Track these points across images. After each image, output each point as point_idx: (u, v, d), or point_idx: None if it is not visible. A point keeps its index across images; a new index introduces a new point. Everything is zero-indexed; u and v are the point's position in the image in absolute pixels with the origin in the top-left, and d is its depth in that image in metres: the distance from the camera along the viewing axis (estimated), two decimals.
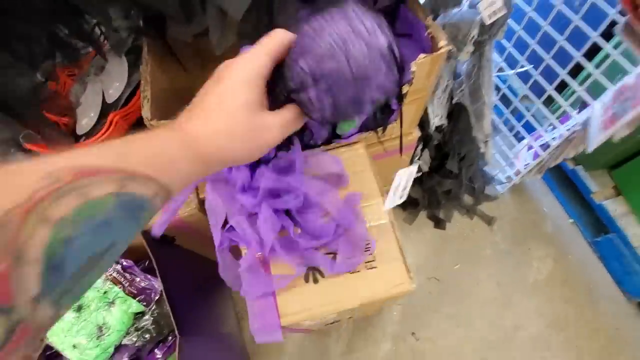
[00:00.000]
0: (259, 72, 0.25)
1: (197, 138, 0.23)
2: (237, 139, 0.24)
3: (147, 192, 0.20)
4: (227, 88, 0.24)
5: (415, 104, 0.54)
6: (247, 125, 0.24)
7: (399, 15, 0.53)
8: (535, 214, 1.00)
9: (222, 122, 0.24)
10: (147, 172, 0.20)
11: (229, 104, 0.24)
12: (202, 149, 0.23)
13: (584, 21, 0.60)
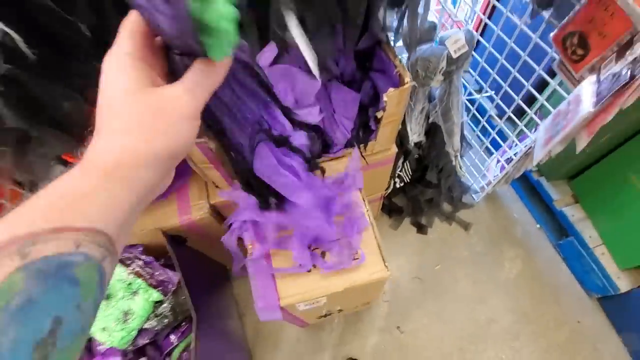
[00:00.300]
0: (124, 53, 0.22)
1: (94, 156, 0.20)
2: (135, 129, 0.21)
3: (62, 248, 0.17)
4: (104, 91, 0.21)
5: (389, 126, 0.66)
6: (138, 110, 0.21)
7: (376, 55, 0.65)
8: (507, 220, 1.11)
9: (112, 124, 0.21)
10: (50, 226, 0.17)
11: (110, 103, 0.21)
12: (104, 164, 0.20)
13: (530, 58, 0.73)
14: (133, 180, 0.21)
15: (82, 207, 0.18)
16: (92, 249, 0.18)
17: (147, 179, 0.21)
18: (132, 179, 0.21)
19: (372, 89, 0.67)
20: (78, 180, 0.19)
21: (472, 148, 1.06)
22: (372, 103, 0.68)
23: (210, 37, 0.21)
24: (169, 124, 0.21)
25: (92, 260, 0.18)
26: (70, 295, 0.17)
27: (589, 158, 0.92)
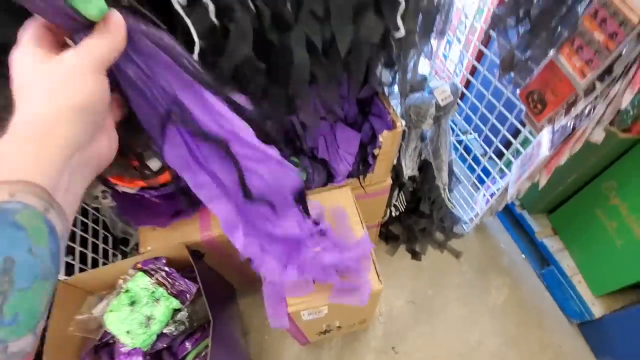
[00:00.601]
0: (25, 42, 0.25)
1: (12, 127, 0.22)
2: (39, 93, 0.23)
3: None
4: (14, 75, 0.24)
5: (384, 162, 0.78)
6: (40, 76, 0.23)
7: (374, 102, 0.79)
8: (494, 250, 1.20)
9: (22, 96, 0.23)
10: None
11: (19, 81, 0.24)
12: (22, 129, 0.22)
13: (505, 108, 0.87)
14: (52, 136, 0.22)
15: (10, 164, 0.20)
16: (29, 199, 0.19)
17: (66, 132, 0.23)
18: (51, 135, 0.22)
19: (371, 130, 0.80)
20: (3, 145, 0.21)
21: (461, 183, 1.18)
22: (370, 142, 0.80)
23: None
24: (67, 80, 0.23)
25: (31, 209, 0.19)
26: (17, 239, 0.18)
27: (563, 195, 1.03)
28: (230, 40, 0.47)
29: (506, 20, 0.66)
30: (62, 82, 0.23)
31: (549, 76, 0.67)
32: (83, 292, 0.79)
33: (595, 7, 0.55)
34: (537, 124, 0.73)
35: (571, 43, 0.60)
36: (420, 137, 1.05)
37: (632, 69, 0.52)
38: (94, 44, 0.25)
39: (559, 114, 0.67)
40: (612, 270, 0.91)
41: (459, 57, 1.04)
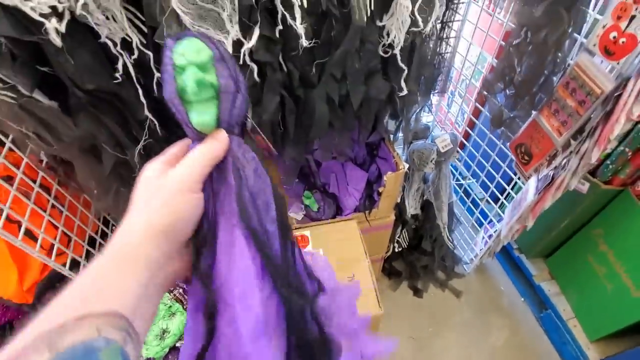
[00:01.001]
0: (158, 160, 0.27)
1: (111, 239, 0.23)
2: (139, 208, 0.24)
3: (85, 336, 0.18)
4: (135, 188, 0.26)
5: (388, 199, 0.87)
6: (146, 191, 0.25)
7: (381, 146, 0.90)
8: (495, 291, 1.24)
9: (129, 208, 0.24)
10: (74, 315, 0.18)
11: (134, 194, 0.25)
12: (113, 245, 0.23)
13: (498, 157, 0.97)
14: (136, 258, 0.22)
15: (99, 291, 0.20)
16: (112, 333, 0.19)
17: (148, 254, 0.23)
18: (135, 256, 0.22)
19: (377, 170, 0.90)
20: (96, 264, 0.21)
21: (461, 224, 1.25)
22: (376, 181, 0.90)
23: (190, 105, 0.27)
24: (165, 198, 0.24)
25: (113, 344, 0.19)
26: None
27: (558, 239, 1.10)
28: (265, 93, 0.59)
29: (495, 84, 0.78)
30: (161, 200, 0.24)
31: (533, 132, 0.78)
32: None
33: (567, 79, 0.67)
34: (525, 173, 0.82)
35: (549, 107, 0.71)
36: (423, 179, 1.15)
37: (597, 130, 0.62)
38: (197, 159, 0.26)
39: (543, 165, 0.76)
40: (604, 314, 0.94)
41: (460, 111, 1.17)
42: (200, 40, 0.27)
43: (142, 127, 0.59)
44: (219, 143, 0.27)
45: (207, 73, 0.27)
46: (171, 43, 0.27)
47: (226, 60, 0.28)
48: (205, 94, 0.27)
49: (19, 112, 0.53)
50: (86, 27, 0.48)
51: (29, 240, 0.65)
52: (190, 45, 0.27)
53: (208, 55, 0.27)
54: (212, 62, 0.27)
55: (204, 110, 0.27)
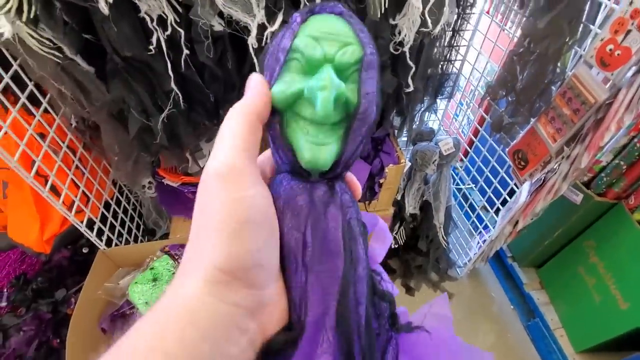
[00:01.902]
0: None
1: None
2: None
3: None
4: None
5: (388, 191, 0.91)
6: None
7: (385, 141, 0.95)
8: (485, 297, 1.26)
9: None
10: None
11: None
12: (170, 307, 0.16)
13: (497, 164, 1.01)
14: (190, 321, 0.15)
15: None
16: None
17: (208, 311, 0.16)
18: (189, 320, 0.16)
19: (380, 164, 0.95)
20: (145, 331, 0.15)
21: (457, 228, 1.28)
22: (378, 173, 0.95)
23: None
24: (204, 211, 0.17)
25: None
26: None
27: (550, 249, 1.12)
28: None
29: (498, 91, 0.83)
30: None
31: (530, 139, 0.82)
32: (114, 264, 0.92)
33: (565, 89, 0.71)
34: (521, 178, 0.86)
35: (546, 114, 0.75)
36: (424, 180, 1.19)
37: (587, 137, 0.65)
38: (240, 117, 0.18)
39: (537, 170, 0.80)
40: (591, 326, 0.96)
41: (466, 119, 1.21)
42: (351, 28, 0.19)
43: (168, 98, 0.65)
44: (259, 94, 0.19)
45: (347, 83, 0.19)
46: (299, 17, 0.19)
47: (374, 69, 0.19)
48: (334, 116, 0.19)
49: (60, 72, 0.60)
50: (129, 1, 0.54)
51: (53, 194, 0.71)
52: (337, 29, 0.19)
53: (358, 56, 0.19)
54: (358, 68, 0.19)
55: (323, 140, 0.19)
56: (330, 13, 0.20)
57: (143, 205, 1.09)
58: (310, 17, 0.20)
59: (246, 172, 0.18)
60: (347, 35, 0.19)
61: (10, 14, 0.50)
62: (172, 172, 0.94)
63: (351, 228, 0.20)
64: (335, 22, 0.19)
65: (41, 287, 0.87)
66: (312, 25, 0.19)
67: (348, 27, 0.19)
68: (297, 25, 0.19)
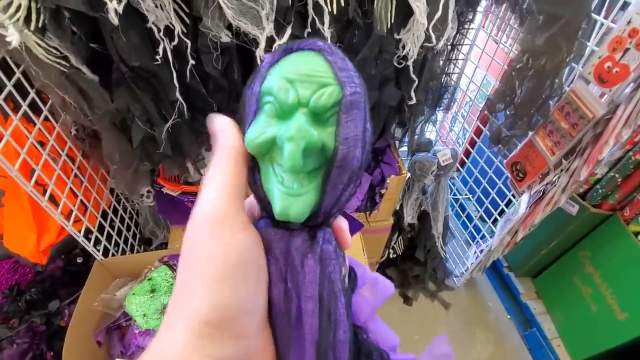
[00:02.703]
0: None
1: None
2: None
3: None
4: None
5: (389, 202, 0.92)
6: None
7: (386, 152, 0.96)
8: (482, 307, 1.27)
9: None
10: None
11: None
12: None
13: (495, 175, 1.02)
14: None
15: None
16: None
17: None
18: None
19: (380, 175, 0.95)
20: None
21: (455, 238, 1.29)
22: (379, 184, 0.95)
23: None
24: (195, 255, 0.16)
25: None
26: None
27: (546, 259, 1.14)
28: None
29: (496, 104, 0.84)
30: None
31: (528, 152, 0.83)
32: (111, 275, 0.90)
33: (563, 103, 0.73)
34: (519, 190, 0.87)
35: (544, 128, 0.77)
36: (422, 190, 1.20)
37: (586, 151, 0.67)
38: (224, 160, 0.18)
39: (535, 182, 0.81)
40: (588, 335, 0.97)
41: (462, 131, 1.23)
42: (330, 67, 0.17)
43: (173, 107, 0.64)
44: (231, 139, 0.18)
45: (322, 127, 0.17)
46: (269, 60, 0.18)
47: (358, 109, 0.17)
48: (309, 164, 0.17)
49: (64, 81, 0.59)
50: (137, 11, 0.54)
51: (51, 203, 0.69)
52: (313, 69, 0.17)
53: (337, 98, 0.17)
54: (336, 110, 0.17)
55: (297, 190, 0.17)
56: (308, 50, 0.18)
57: (140, 214, 1.07)
58: (286, 57, 0.18)
59: (237, 216, 0.17)
60: (325, 75, 0.17)
61: (19, 23, 0.49)
62: (171, 181, 0.93)
63: (331, 283, 0.18)
64: (312, 60, 0.18)
65: (35, 298, 0.84)
66: (287, 66, 0.18)
67: (327, 66, 0.17)
68: (266, 70, 0.18)
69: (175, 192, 0.92)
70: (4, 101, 0.59)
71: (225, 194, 0.17)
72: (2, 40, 0.51)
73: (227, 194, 0.17)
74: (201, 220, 0.17)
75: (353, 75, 0.18)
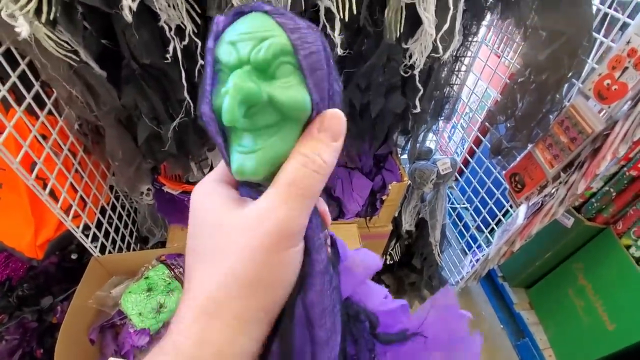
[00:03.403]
0: (209, 181, 0.20)
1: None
2: (219, 255, 0.17)
3: None
4: (190, 224, 0.19)
5: (389, 208, 0.93)
6: (210, 233, 0.17)
7: (388, 159, 0.97)
8: (476, 316, 1.28)
9: (190, 277, 0.17)
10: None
11: (194, 241, 0.18)
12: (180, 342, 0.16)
13: (493, 185, 1.04)
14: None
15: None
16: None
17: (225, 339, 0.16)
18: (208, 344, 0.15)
19: (382, 181, 0.96)
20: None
21: (451, 246, 1.31)
22: (380, 190, 0.96)
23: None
24: (244, 264, 0.16)
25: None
26: None
27: (540, 270, 1.15)
28: None
29: (497, 116, 0.86)
30: (234, 264, 0.16)
31: (527, 163, 0.85)
32: (107, 272, 0.89)
33: (562, 118, 0.75)
34: (517, 201, 0.89)
35: (544, 141, 0.79)
36: (421, 198, 1.21)
37: (585, 165, 0.69)
38: (295, 186, 0.16)
39: (534, 194, 0.83)
40: (579, 346, 0.99)
41: (461, 140, 1.25)
42: (272, 19, 0.17)
43: (180, 106, 0.64)
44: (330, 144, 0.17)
45: (270, 81, 0.17)
46: (222, 21, 0.18)
47: (319, 68, 0.17)
48: (260, 120, 0.17)
49: (72, 75, 0.59)
50: (150, 10, 0.54)
51: (51, 198, 0.68)
52: (255, 27, 0.17)
53: (278, 48, 0.16)
54: (286, 61, 0.17)
55: (251, 147, 0.17)
56: (256, 12, 0.17)
57: (139, 212, 1.06)
58: (235, 22, 0.18)
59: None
60: (266, 29, 0.17)
61: (29, 14, 0.49)
62: (172, 179, 0.92)
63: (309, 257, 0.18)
64: (256, 20, 0.17)
65: (27, 294, 0.83)
66: (231, 30, 0.17)
67: (273, 24, 0.17)
68: (218, 31, 0.18)
69: (175, 190, 0.92)
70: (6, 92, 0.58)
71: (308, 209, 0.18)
72: (10, 31, 0.51)
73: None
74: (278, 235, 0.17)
75: (306, 34, 0.17)
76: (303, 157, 0.17)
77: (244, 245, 0.16)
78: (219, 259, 0.17)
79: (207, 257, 0.17)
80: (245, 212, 0.17)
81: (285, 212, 0.16)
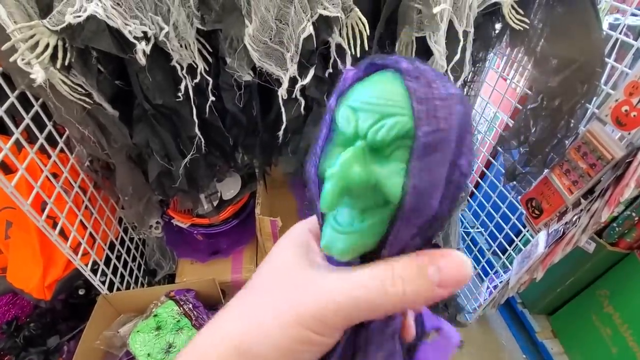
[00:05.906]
0: (302, 226, 0.21)
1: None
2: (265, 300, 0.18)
3: None
4: (265, 260, 0.20)
5: None
6: (276, 281, 0.18)
7: None
8: (495, 345, 1.22)
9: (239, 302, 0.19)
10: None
11: (261, 269, 0.20)
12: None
13: (508, 210, 1.01)
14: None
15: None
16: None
17: None
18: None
19: None
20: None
21: None
22: None
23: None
24: (295, 304, 0.16)
25: None
26: None
27: (562, 296, 1.10)
28: (307, 124, 0.65)
29: (510, 141, 0.85)
30: (295, 310, 0.16)
31: (544, 189, 0.83)
32: (116, 310, 0.86)
33: (579, 143, 0.73)
34: (535, 227, 0.86)
35: (561, 166, 0.77)
36: None
37: (608, 192, 0.66)
38: (365, 291, 0.15)
39: (553, 220, 0.80)
40: None
41: None
42: (407, 94, 0.14)
43: (191, 142, 0.64)
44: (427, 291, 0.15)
45: (383, 164, 0.15)
46: (350, 77, 0.17)
47: (440, 151, 0.14)
48: (362, 201, 0.16)
49: (85, 116, 0.59)
50: (162, 50, 0.55)
51: (61, 237, 0.67)
52: (382, 96, 0.15)
53: (400, 132, 0.14)
54: (403, 145, 0.15)
55: (345, 229, 0.16)
56: (389, 70, 0.16)
57: (147, 245, 1.05)
58: (365, 79, 0.16)
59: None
60: (394, 104, 0.14)
61: (45, 61, 0.49)
62: (181, 212, 0.91)
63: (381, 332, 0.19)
64: (386, 85, 0.15)
65: (33, 334, 0.81)
66: (356, 92, 0.16)
67: (401, 93, 0.15)
68: (344, 88, 0.17)
69: (185, 223, 0.90)
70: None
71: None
72: (24, 75, 0.52)
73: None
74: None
75: (438, 106, 0.14)
76: (398, 281, 0.15)
77: (290, 303, 0.17)
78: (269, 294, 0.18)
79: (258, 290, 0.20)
80: (311, 276, 0.18)
81: (336, 306, 0.16)
